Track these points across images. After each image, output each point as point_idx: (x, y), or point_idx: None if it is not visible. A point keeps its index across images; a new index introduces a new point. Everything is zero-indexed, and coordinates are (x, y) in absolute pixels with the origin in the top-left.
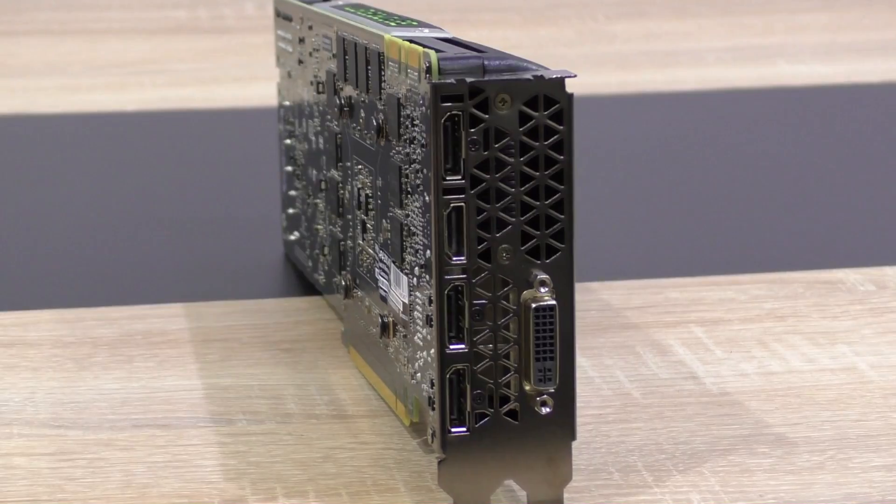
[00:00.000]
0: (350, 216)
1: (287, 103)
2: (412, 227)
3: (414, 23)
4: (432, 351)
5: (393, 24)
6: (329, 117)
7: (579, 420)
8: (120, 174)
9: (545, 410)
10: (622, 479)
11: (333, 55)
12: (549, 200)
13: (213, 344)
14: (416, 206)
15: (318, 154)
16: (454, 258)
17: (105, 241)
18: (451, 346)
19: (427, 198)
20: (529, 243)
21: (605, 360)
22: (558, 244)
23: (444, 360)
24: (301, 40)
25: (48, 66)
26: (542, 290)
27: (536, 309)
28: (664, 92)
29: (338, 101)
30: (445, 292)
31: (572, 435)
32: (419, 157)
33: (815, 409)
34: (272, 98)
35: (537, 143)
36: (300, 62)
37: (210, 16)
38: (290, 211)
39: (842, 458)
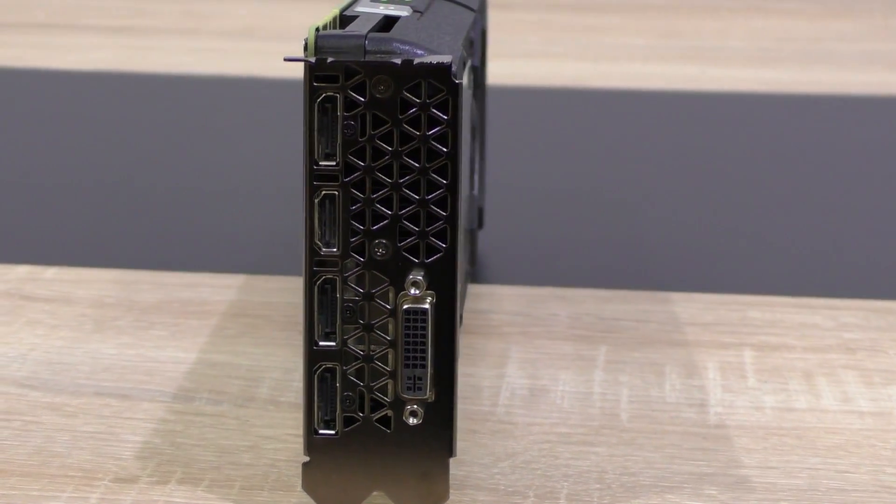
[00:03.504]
0: None
1: None
2: None
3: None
4: None
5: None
6: None
7: (546, 436)
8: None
9: (413, 421)
10: None
11: None
12: (431, 196)
13: (241, 319)
14: None
15: None
16: (324, 249)
17: (200, 207)
18: (321, 343)
19: None
20: (408, 240)
21: (622, 376)
22: (439, 244)
23: (311, 356)
24: None
25: None
26: (414, 291)
27: (407, 311)
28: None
29: None
30: (316, 285)
31: (449, 451)
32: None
33: (806, 453)
34: None
35: (419, 133)
36: None
37: None
38: None
39: None
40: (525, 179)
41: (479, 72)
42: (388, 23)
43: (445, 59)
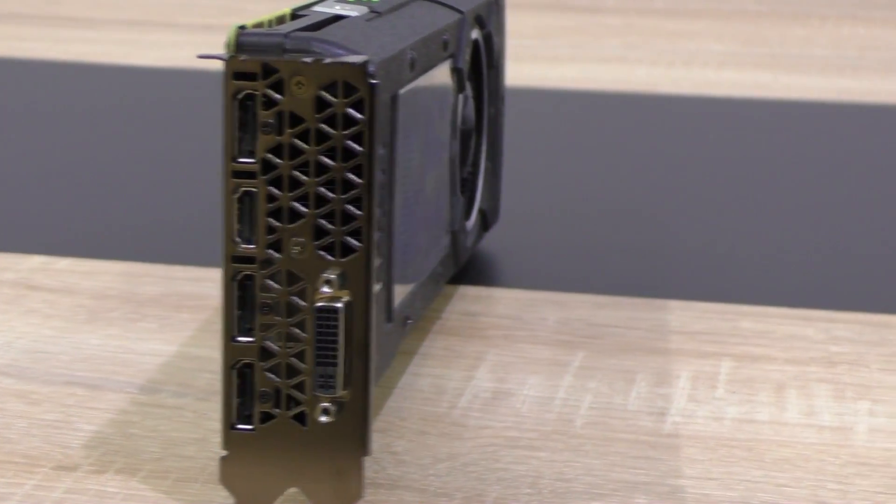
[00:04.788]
0: None
1: None
2: None
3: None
4: None
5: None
6: None
7: (493, 439)
8: None
9: (324, 419)
10: None
11: None
12: (347, 195)
13: None
14: None
15: None
16: (242, 245)
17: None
18: (239, 338)
19: None
20: (324, 239)
21: (591, 382)
22: (355, 242)
23: (229, 351)
24: None
25: None
26: (325, 289)
27: (318, 310)
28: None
29: None
30: (235, 280)
31: (363, 449)
32: None
33: (751, 466)
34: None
35: (335, 132)
36: None
37: None
38: None
39: None
40: (552, 183)
41: (463, 73)
42: (329, 23)
43: (359, 59)
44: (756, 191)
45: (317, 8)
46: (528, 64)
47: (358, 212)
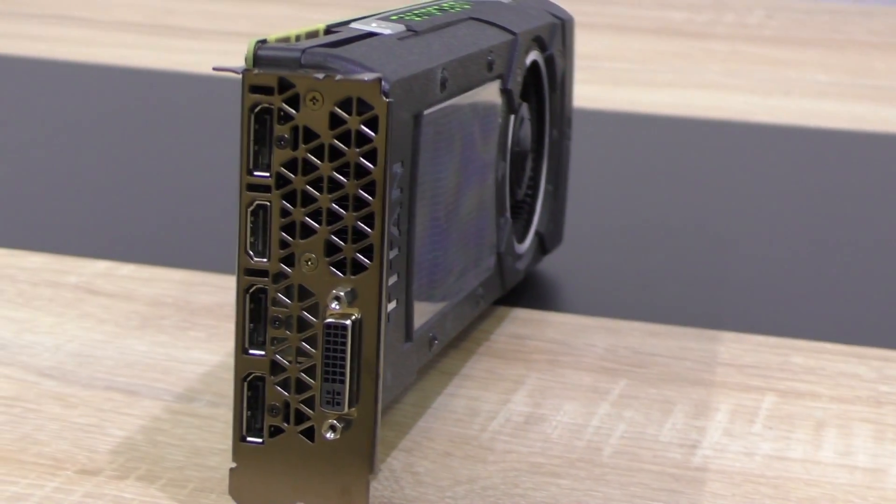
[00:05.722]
0: None
1: None
2: None
3: (413, 15)
4: None
5: (395, 17)
6: None
7: (517, 464)
8: None
9: (329, 436)
10: None
11: None
12: (359, 212)
13: None
14: None
15: None
16: (255, 259)
17: None
18: (251, 351)
19: None
20: (335, 255)
21: (627, 411)
22: (366, 260)
23: (241, 363)
24: None
25: None
26: (334, 305)
27: (327, 326)
28: None
29: None
30: (248, 293)
31: (369, 468)
32: None
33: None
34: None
35: (348, 149)
36: None
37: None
38: None
39: None
40: (624, 208)
41: (513, 95)
42: (356, 40)
43: (373, 76)
44: (831, 225)
45: (353, 25)
46: (624, 88)
47: (368, 229)
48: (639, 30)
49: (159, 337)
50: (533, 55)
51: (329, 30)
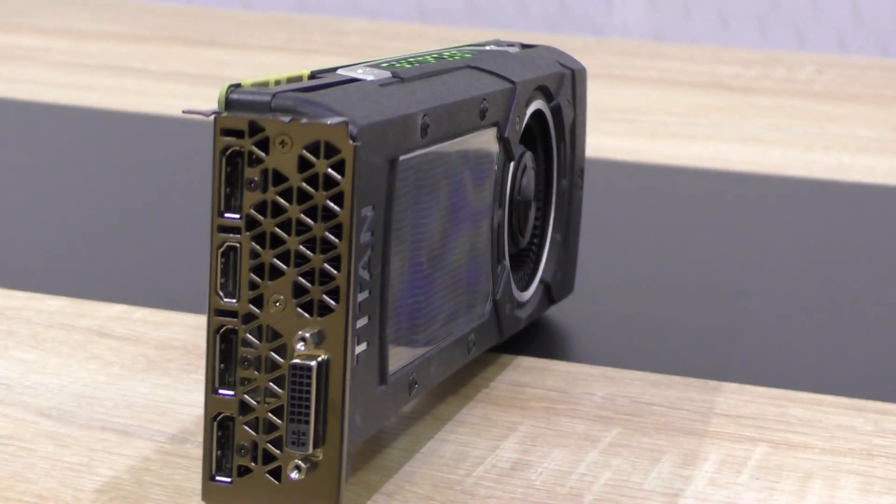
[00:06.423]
0: None
1: None
2: None
3: (404, 63)
4: None
5: (393, 63)
6: None
7: None
8: None
9: (294, 475)
10: None
11: None
12: (326, 255)
13: None
14: None
15: None
16: (225, 299)
17: None
18: (221, 391)
19: None
20: (303, 297)
21: (615, 459)
22: (332, 302)
23: (211, 402)
24: None
25: None
26: (301, 346)
27: (293, 367)
28: None
29: None
30: (219, 333)
31: None
32: None
33: None
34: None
35: (316, 192)
36: None
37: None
38: None
39: None
40: (643, 259)
41: (510, 143)
42: (334, 85)
43: (339, 120)
44: (847, 280)
45: (339, 71)
46: (663, 141)
47: (335, 271)
48: (687, 84)
49: (163, 379)
50: (537, 104)
51: (313, 75)
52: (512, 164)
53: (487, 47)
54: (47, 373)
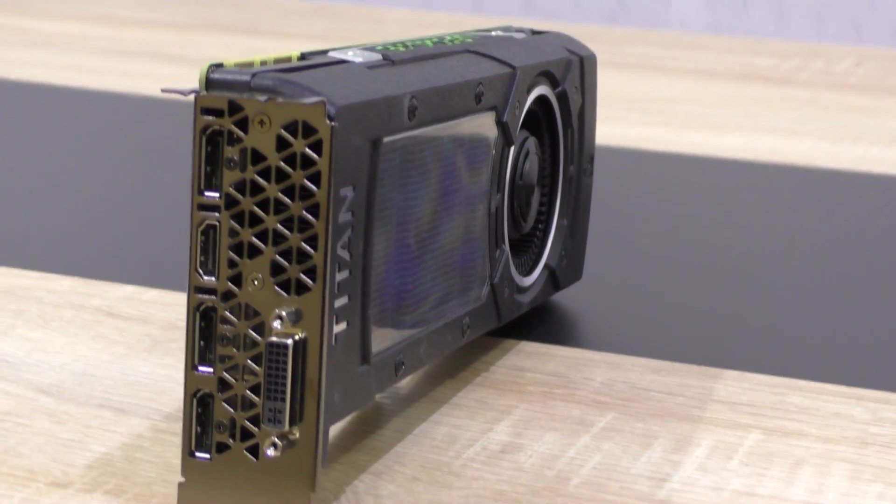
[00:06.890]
0: None
1: None
2: None
3: (399, 46)
4: None
5: (382, 46)
6: None
7: (481, 491)
8: None
9: (269, 453)
10: None
11: None
12: (303, 234)
13: None
14: None
15: None
16: (205, 277)
17: None
18: (200, 368)
19: None
20: (280, 275)
21: (606, 444)
22: (309, 281)
23: (190, 379)
24: None
25: None
26: (276, 324)
27: (269, 345)
28: None
29: None
30: (198, 311)
31: (310, 486)
32: None
33: None
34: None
35: (293, 171)
36: None
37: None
38: None
39: None
40: (655, 246)
41: (509, 128)
42: (320, 67)
43: (316, 100)
44: (860, 270)
45: (330, 53)
46: (692, 131)
47: (312, 250)
48: (723, 74)
49: (165, 359)
50: (540, 90)
51: (303, 57)
52: (512, 148)
53: (493, 33)
54: (52, 351)
